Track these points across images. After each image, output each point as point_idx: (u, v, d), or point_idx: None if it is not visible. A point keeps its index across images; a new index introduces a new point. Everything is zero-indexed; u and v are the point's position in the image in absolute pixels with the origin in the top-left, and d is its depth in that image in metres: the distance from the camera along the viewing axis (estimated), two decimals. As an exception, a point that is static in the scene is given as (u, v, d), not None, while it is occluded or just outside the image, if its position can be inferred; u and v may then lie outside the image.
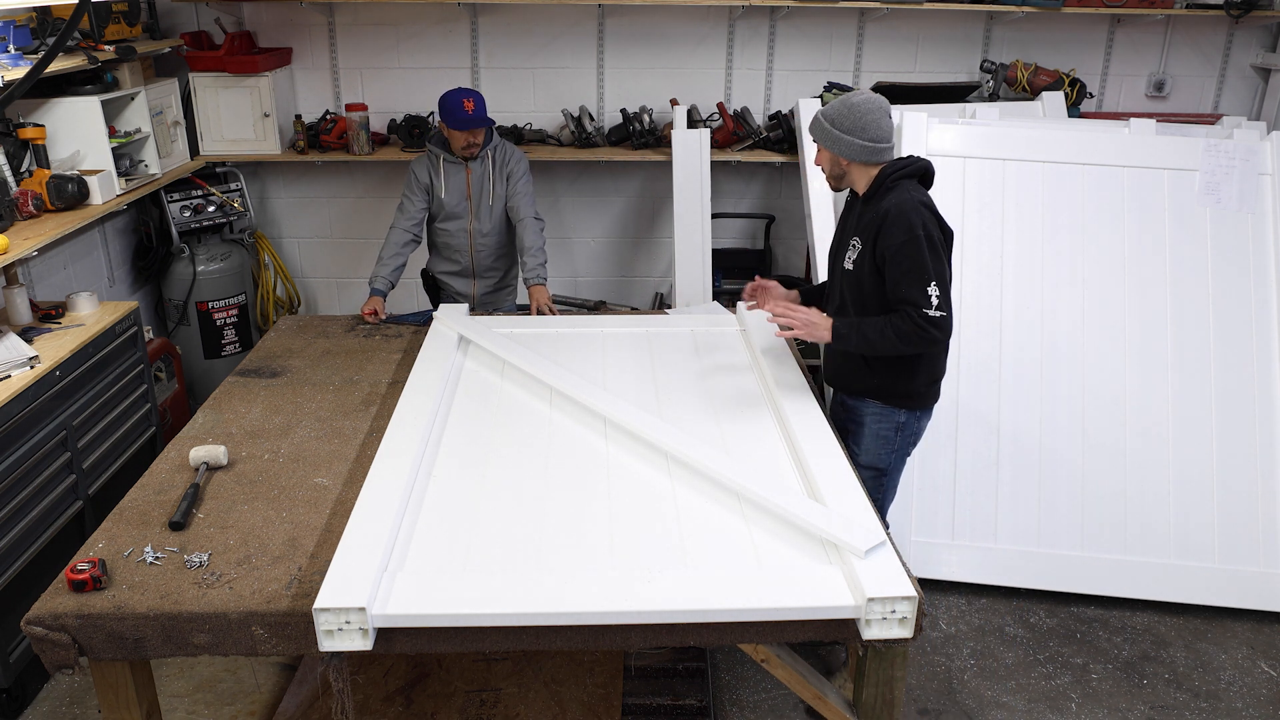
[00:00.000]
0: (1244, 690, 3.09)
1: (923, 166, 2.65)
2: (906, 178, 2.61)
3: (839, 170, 2.68)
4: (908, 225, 2.50)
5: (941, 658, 3.21)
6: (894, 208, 2.54)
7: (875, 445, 2.79)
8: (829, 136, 2.63)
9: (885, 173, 2.62)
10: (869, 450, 2.80)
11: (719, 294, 4.71)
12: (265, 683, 2.96)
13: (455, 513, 2.22)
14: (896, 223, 2.52)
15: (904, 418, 2.76)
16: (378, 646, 1.89)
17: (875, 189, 2.63)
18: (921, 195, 2.59)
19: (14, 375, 2.85)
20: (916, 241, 2.48)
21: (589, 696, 2.71)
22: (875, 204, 2.62)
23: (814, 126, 2.66)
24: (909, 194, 2.56)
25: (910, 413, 2.76)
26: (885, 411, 2.75)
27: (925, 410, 2.80)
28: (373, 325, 3.49)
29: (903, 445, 2.81)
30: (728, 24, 4.64)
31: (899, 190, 2.58)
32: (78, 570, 1.96)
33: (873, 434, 2.78)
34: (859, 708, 2.16)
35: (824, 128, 2.63)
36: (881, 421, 2.76)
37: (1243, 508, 3.45)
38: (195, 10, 4.53)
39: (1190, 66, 4.81)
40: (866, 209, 2.66)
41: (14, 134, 3.46)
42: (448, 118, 3.56)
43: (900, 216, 2.52)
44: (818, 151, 2.71)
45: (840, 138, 2.60)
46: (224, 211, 4.48)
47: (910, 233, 2.49)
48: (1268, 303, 3.60)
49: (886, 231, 2.53)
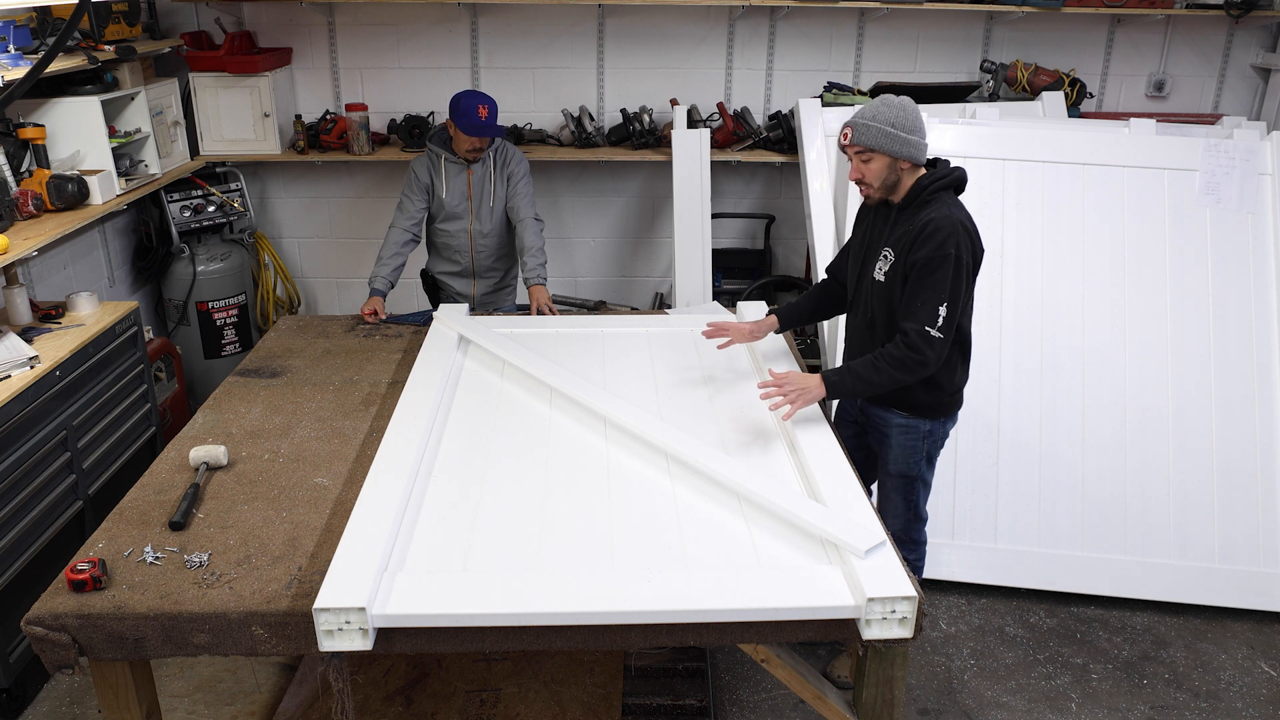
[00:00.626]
0: (1244, 690, 3.09)
1: (959, 176, 2.57)
2: (944, 189, 2.54)
3: (894, 178, 2.54)
4: (941, 242, 2.44)
5: (941, 658, 3.21)
6: (934, 223, 2.46)
7: (903, 455, 2.76)
8: (895, 140, 2.48)
9: (923, 183, 2.53)
10: (897, 459, 2.77)
11: (719, 294, 4.71)
12: (265, 683, 2.96)
13: (455, 513, 2.22)
14: (933, 238, 2.45)
15: (929, 426, 2.73)
16: (378, 646, 1.89)
17: (912, 198, 2.55)
18: (962, 214, 2.52)
19: (14, 375, 2.85)
20: (946, 260, 2.44)
21: (589, 696, 2.71)
22: (912, 214, 2.54)
23: (869, 134, 2.49)
24: (950, 210, 2.49)
25: (935, 421, 2.74)
26: (911, 423, 2.72)
27: (950, 417, 2.78)
28: (373, 325, 3.49)
29: (930, 451, 2.79)
30: (728, 24, 4.64)
31: (939, 204, 2.51)
32: (78, 570, 1.96)
33: (899, 444, 2.75)
34: (859, 708, 2.16)
35: (887, 132, 2.47)
36: (907, 433, 2.73)
37: (1243, 508, 3.45)
38: (195, 10, 4.53)
39: (1190, 66, 4.81)
40: (902, 218, 2.57)
41: (14, 134, 3.46)
42: (460, 119, 3.52)
43: (938, 232, 2.45)
44: (864, 164, 2.54)
45: (907, 140, 2.48)
46: (224, 211, 4.48)
47: (942, 249, 2.44)
48: (1268, 303, 3.60)
49: (921, 244, 2.47)
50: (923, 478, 2.82)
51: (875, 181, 2.54)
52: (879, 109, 2.50)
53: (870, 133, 2.49)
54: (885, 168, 2.52)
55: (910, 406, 2.70)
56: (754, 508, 2.23)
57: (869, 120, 2.50)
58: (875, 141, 2.49)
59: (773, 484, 2.27)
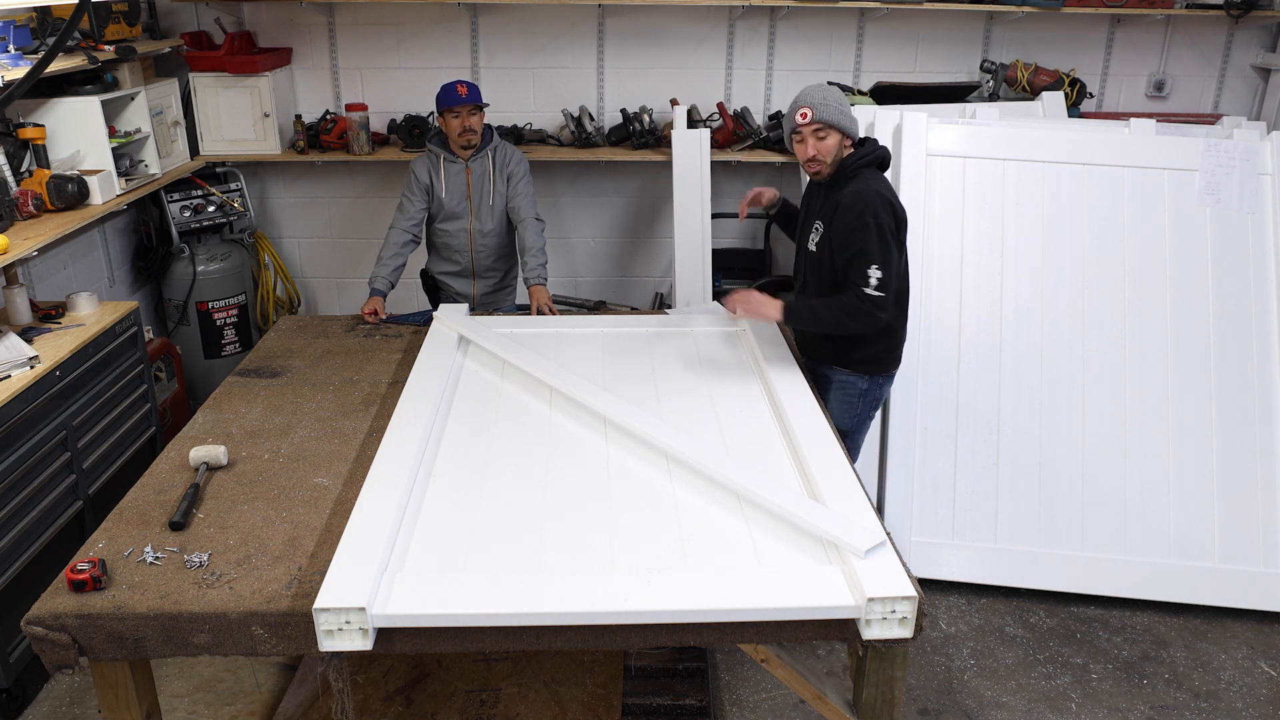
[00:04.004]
0: (1244, 690, 3.09)
1: (881, 155, 2.83)
2: (866, 166, 2.80)
3: (840, 154, 2.80)
4: (859, 212, 2.70)
5: (941, 658, 3.21)
6: (852, 195, 2.74)
7: (839, 409, 2.99)
8: (846, 118, 2.77)
9: (847, 161, 2.80)
10: (834, 413, 2.93)
11: (719, 294, 4.69)
12: (265, 683, 2.96)
13: (455, 513, 2.22)
14: (851, 209, 2.72)
15: (865, 384, 2.97)
16: (378, 646, 1.89)
17: (839, 174, 2.81)
18: (878, 184, 2.77)
19: (14, 375, 2.85)
20: (866, 228, 2.69)
21: (589, 696, 2.72)
22: (839, 190, 2.81)
23: (828, 111, 2.75)
24: (867, 183, 2.76)
25: (871, 379, 2.97)
26: (849, 379, 2.97)
27: (887, 376, 3.01)
28: (373, 325, 3.49)
29: (864, 410, 3.04)
30: (728, 24, 4.64)
31: (860, 179, 2.78)
32: (78, 570, 1.96)
33: (837, 399, 3.00)
34: (859, 708, 2.16)
35: (842, 110, 2.76)
36: (845, 389, 2.98)
37: (1243, 508, 3.45)
38: (195, 10, 4.53)
39: (1190, 66, 4.81)
40: (831, 194, 2.84)
41: (14, 134, 3.46)
42: (442, 103, 3.58)
43: (855, 203, 2.72)
44: (819, 141, 2.78)
45: (854, 119, 2.77)
46: (224, 211, 4.48)
47: (861, 219, 2.70)
48: (1268, 303, 3.60)
49: (840, 220, 2.75)
50: (854, 437, 3.09)
51: (828, 157, 2.79)
52: (826, 92, 2.79)
53: (829, 110, 2.75)
54: (837, 144, 2.78)
55: (849, 362, 2.94)
56: (754, 508, 2.23)
57: (824, 100, 2.76)
58: (833, 118, 2.75)
59: (773, 484, 2.27)
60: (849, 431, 3.04)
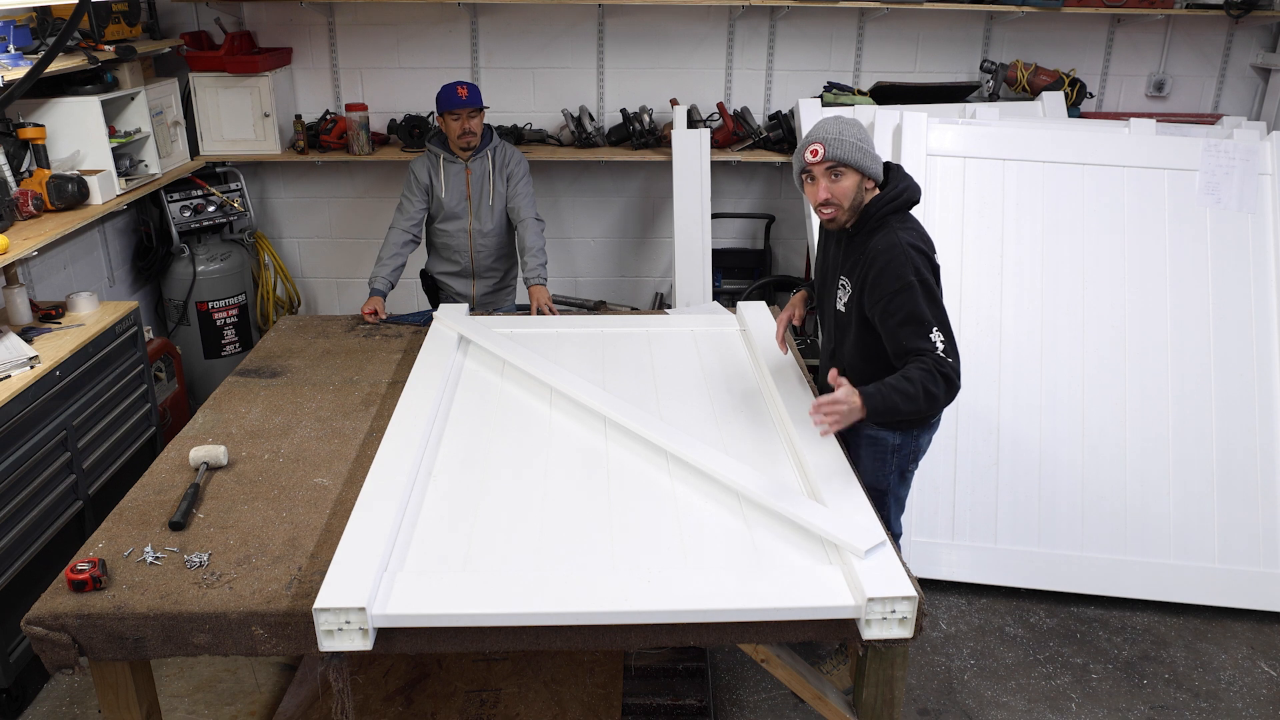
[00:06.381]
0: (1244, 690, 3.09)
1: (909, 196, 2.47)
2: (892, 213, 2.45)
3: (860, 198, 2.44)
4: (898, 273, 2.34)
5: (941, 658, 3.21)
6: (881, 254, 2.38)
7: (870, 466, 2.67)
8: (866, 156, 2.40)
9: (871, 209, 2.45)
10: (867, 470, 2.66)
11: (719, 294, 4.71)
12: (265, 683, 2.96)
13: (455, 513, 2.22)
14: (887, 269, 2.36)
15: (898, 440, 2.63)
16: (378, 646, 1.89)
17: (863, 223, 2.47)
18: (909, 236, 2.41)
19: (14, 375, 2.85)
20: (910, 290, 2.33)
21: (589, 696, 2.71)
22: (862, 241, 2.47)
23: (843, 148, 2.38)
24: (897, 235, 2.40)
25: (905, 434, 2.63)
26: (878, 435, 2.62)
27: (923, 430, 2.67)
28: (373, 325, 3.49)
29: (900, 465, 2.69)
30: (728, 24, 4.64)
31: (887, 229, 2.42)
32: (78, 570, 1.96)
33: (867, 455, 2.67)
34: (859, 708, 2.16)
35: (860, 148, 2.39)
36: (875, 445, 2.65)
37: (1243, 508, 3.45)
38: (195, 10, 4.53)
39: (1190, 66, 4.81)
40: (853, 245, 2.50)
41: (14, 134, 3.46)
42: (442, 105, 3.58)
43: (890, 263, 2.36)
44: (833, 181, 2.42)
45: (875, 158, 2.41)
46: (224, 211, 4.48)
47: (902, 280, 2.34)
48: (1268, 303, 3.60)
49: (876, 282, 2.38)
50: (894, 492, 2.74)
51: (845, 200, 2.43)
52: (843, 125, 2.41)
53: (845, 147, 2.38)
54: (855, 186, 2.42)
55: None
56: (754, 508, 2.23)
57: (839, 135, 2.39)
58: (849, 156, 2.38)
59: (773, 484, 2.27)
60: (884, 490, 2.70)
